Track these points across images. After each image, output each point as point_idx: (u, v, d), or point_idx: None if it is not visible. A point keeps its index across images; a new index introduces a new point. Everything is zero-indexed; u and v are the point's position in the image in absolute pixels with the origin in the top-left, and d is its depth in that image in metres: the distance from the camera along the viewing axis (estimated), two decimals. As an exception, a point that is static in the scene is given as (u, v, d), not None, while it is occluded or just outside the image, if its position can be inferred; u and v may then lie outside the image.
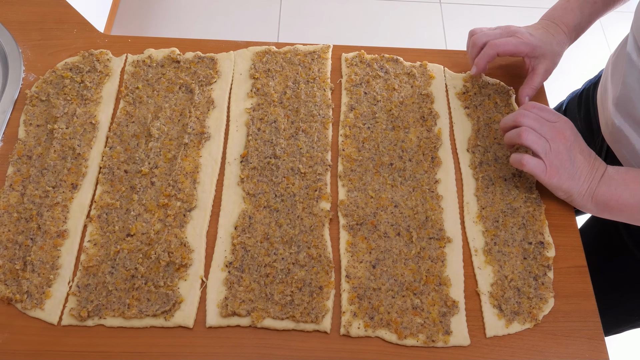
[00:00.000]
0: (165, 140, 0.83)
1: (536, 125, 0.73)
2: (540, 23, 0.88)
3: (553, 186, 0.74)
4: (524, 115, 0.74)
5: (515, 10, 2.44)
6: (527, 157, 0.72)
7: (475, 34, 0.86)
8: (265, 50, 0.93)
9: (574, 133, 0.73)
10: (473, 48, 0.86)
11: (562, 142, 0.72)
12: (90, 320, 0.70)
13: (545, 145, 0.72)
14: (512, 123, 0.75)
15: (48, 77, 0.89)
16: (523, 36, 0.83)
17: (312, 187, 0.80)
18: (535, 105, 0.75)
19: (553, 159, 0.71)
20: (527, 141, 0.72)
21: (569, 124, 0.74)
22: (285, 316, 0.70)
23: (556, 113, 0.75)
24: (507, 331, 0.70)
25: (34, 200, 0.77)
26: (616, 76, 0.81)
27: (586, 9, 0.86)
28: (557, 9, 0.89)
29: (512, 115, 0.76)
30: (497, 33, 0.85)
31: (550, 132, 0.72)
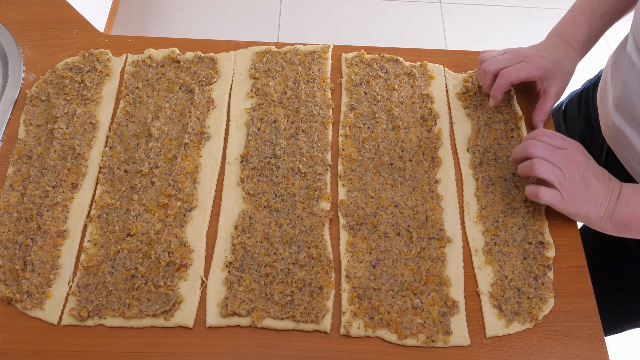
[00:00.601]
0: (165, 140, 0.83)
1: (548, 154, 0.71)
2: (549, 41, 0.86)
3: (571, 213, 0.72)
4: (534, 145, 0.72)
5: (515, 10, 2.44)
6: (542, 190, 0.71)
7: (485, 61, 0.84)
8: (265, 50, 0.94)
9: (585, 157, 0.72)
10: (485, 77, 0.84)
11: (576, 169, 0.71)
12: (90, 320, 0.70)
13: (559, 175, 0.70)
14: (523, 154, 0.73)
15: (48, 77, 0.89)
16: (534, 60, 0.81)
17: (312, 187, 0.80)
18: (545, 132, 0.73)
19: (568, 187, 0.70)
20: (541, 173, 0.71)
21: (580, 148, 0.73)
22: (285, 316, 0.70)
23: (566, 138, 0.73)
24: (507, 331, 0.70)
25: (34, 200, 0.77)
26: (616, 76, 0.81)
27: (595, 23, 0.85)
28: (564, 25, 0.87)
29: (522, 147, 0.74)
30: (507, 59, 0.83)
31: (562, 160, 0.71)
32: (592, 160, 0.73)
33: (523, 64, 0.81)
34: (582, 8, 0.86)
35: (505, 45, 2.48)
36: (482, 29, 2.37)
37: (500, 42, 2.32)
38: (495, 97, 0.83)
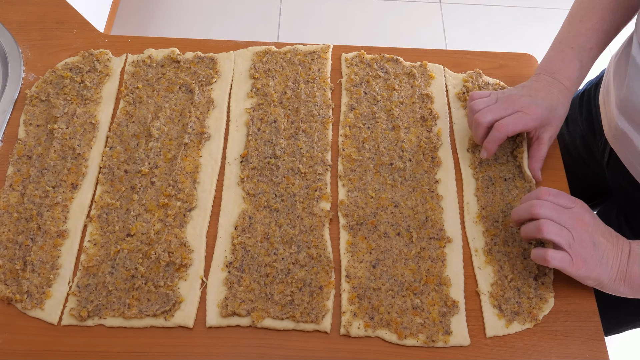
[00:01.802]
0: (165, 140, 0.83)
1: (554, 215, 0.67)
2: (540, 81, 0.81)
3: (581, 277, 0.68)
4: (540, 205, 0.68)
5: (515, 10, 2.44)
6: (550, 253, 0.66)
7: (478, 110, 0.79)
8: (265, 50, 0.94)
9: (592, 216, 0.69)
10: (479, 128, 0.79)
11: (584, 229, 0.67)
12: (90, 320, 0.70)
13: (567, 236, 0.66)
14: (527, 215, 0.69)
15: (48, 77, 0.89)
16: (530, 110, 0.77)
17: (312, 187, 0.80)
18: (549, 191, 0.69)
19: (577, 248, 0.66)
20: (549, 235, 0.66)
21: (585, 207, 0.70)
22: (285, 316, 0.70)
23: (570, 196, 0.70)
24: (507, 331, 0.70)
25: (34, 200, 0.77)
26: (619, 78, 0.80)
27: (584, 58, 0.81)
28: (554, 61, 0.82)
29: (525, 207, 0.69)
30: (500, 108, 0.78)
31: (569, 221, 0.67)
32: (598, 219, 0.70)
33: (519, 115, 0.77)
34: (568, 42, 0.82)
35: (505, 45, 2.48)
36: (482, 29, 2.37)
37: (500, 42, 2.32)
38: (489, 149, 0.78)
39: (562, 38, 0.83)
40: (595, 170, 0.95)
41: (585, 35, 0.81)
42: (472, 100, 0.81)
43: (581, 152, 0.97)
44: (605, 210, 0.96)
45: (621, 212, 0.88)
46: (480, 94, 0.81)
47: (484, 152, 0.79)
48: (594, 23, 0.81)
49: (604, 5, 0.81)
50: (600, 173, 0.93)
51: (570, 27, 0.82)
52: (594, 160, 0.95)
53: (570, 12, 0.85)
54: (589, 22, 0.81)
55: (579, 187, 0.92)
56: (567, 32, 0.83)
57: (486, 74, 0.93)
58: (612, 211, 0.91)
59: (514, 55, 0.97)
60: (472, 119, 0.80)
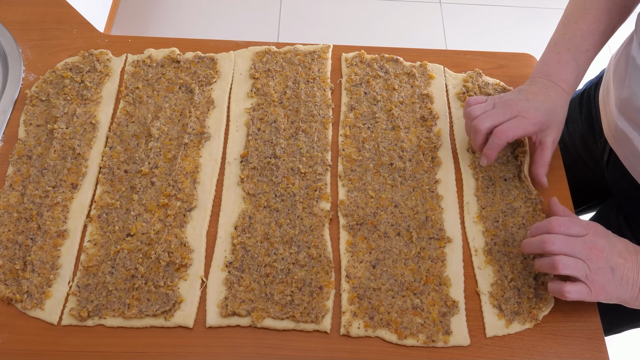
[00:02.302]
0: (165, 140, 0.83)
1: (568, 249, 0.65)
2: (536, 84, 0.79)
3: (602, 301, 0.67)
4: (552, 242, 0.66)
5: (515, 10, 2.44)
6: (567, 288, 0.65)
7: (476, 116, 0.77)
8: (265, 50, 0.94)
9: (606, 237, 0.67)
10: (478, 135, 0.77)
11: (600, 256, 0.65)
12: (90, 320, 0.70)
13: (584, 268, 0.65)
14: (540, 251, 0.67)
15: (48, 77, 0.89)
16: (528, 114, 0.75)
17: (312, 187, 0.80)
18: (560, 222, 0.67)
19: (595, 277, 0.65)
20: (565, 271, 0.65)
21: (599, 230, 0.68)
22: (285, 316, 0.70)
23: (581, 221, 0.68)
24: (507, 331, 0.70)
25: (34, 200, 0.77)
26: (619, 78, 0.80)
27: (581, 59, 0.80)
28: (550, 64, 0.80)
29: (537, 242, 0.67)
30: (499, 114, 0.76)
31: (584, 251, 0.65)
32: (613, 237, 0.68)
33: (518, 120, 0.75)
34: (565, 44, 0.80)
35: (505, 45, 2.47)
36: (482, 29, 2.37)
37: (500, 42, 2.32)
38: (489, 156, 0.77)
39: (557, 40, 0.82)
40: (595, 170, 0.95)
41: (581, 36, 0.80)
42: (468, 106, 0.80)
43: (581, 152, 0.97)
44: (605, 210, 0.96)
45: (621, 212, 0.88)
46: (477, 100, 0.80)
47: (483, 159, 0.78)
48: (589, 24, 0.80)
49: (599, 5, 0.80)
50: (600, 173, 0.93)
51: (566, 28, 0.81)
52: (594, 160, 0.94)
53: (565, 14, 0.83)
54: (584, 24, 0.80)
55: (579, 187, 0.92)
56: (562, 33, 0.82)
57: (486, 74, 0.93)
58: (612, 211, 0.91)
59: (514, 55, 0.97)
60: (469, 126, 0.79)
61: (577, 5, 0.82)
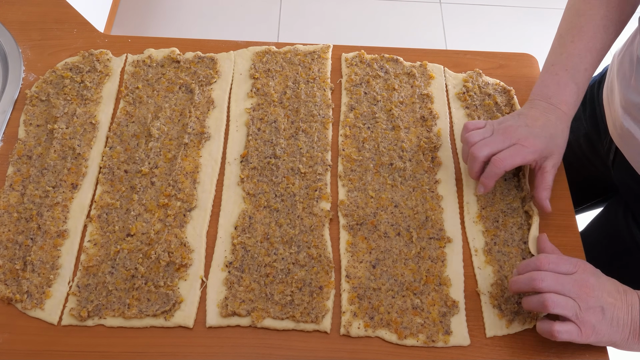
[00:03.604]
0: (165, 140, 0.83)
1: (558, 286, 0.64)
2: (536, 108, 0.78)
3: (592, 343, 0.65)
4: (542, 279, 0.64)
5: (515, 10, 2.44)
6: (557, 327, 0.64)
7: (473, 143, 0.75)
8: (265, 50, 0.94)
9: (595, 276, 0.66)
10: (475, 163, 0.75)
11: (590, 294, 0.64)
12: (90, 320, 0.70)
13: (574, 307, 0.63)
14: (528, 289, 0.66)
15: (48, 77, 0.89)
16: (527, 142, 0.73)
17: (312, 187, 0.80)
18: (549, 260, 0.66)
19: (585, 317, 0.63)
20: (555, 310, 0.63)
21: (588, 267, 0.67)
22: (285, 316, 0.70)
23: (571, 259, 0.67)
24: (508, 331, 0.70)
25: (34, 200, 0.77)
26: (623, 77, 0.79)
27: (580, 79, 0.78)
28: (548, 85, 0.78)
29: (525, 280, 0.66)
30: (497, 141, 0.74)
31: (574, 289, 0.64)
32: (602, 276, 0.67)
33: (516, 149, 0.73)
34: (562, 64, 0.78)
35: (505, 45, 2.47)
36: (482, 29, 2.37)
37: (500, 42, 2.32)
38: (486, 185, 0.75)
39: (554, 60, 0.80)
40: (600, 168, 0.94)
41: (578, 55, 0.78)
42: (466, 130, 0.78)
43: (585, 150, 0.96)
44: (612, 208, 0.95)
45: (628, 211, 0.87)
46: (475, 124, 0.78)
47: (480, 187, 0.76)
48: (586, 42, 0.78)
49: (595, 23, 0.78)
50: (605, 171, 0.92)
51: (562, 48, 0.79)
52: (599, 159, 0.94)
53: (560, 32, 0.81)
54: (581, 42, 0.78)
55: (583, 185, 0.92)
56: (559, 53, 0.79)
57: (486, 74, 0.93)
58: (619, 209, 0.90)
59: (514, 55, 0.97)
60: (467, 152, 0.77)
61: (572, 23, 0.80)
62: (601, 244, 0.91)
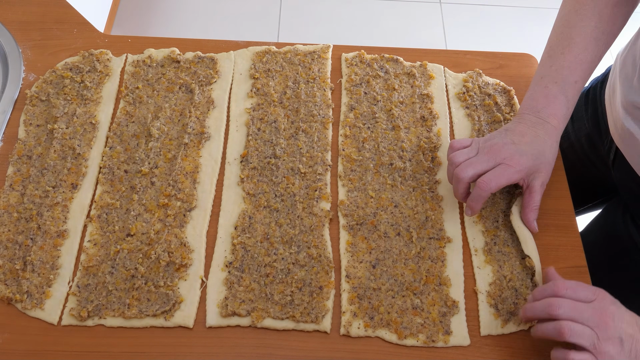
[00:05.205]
0: (165, 140, 0.83)
1: (576, 314, 0.61)
2: (525, 122, 0.76)
3: None
4: (559, 306, 0.62)
5: (515, 10, 2.44)
6: (573, 355, 0.61)
7: (457, 164, 0.74)
8: (265, 50, 0.94)
9: (615, 306, 0.63)
10: (459, 184, 0.73)
11: (609, 324, 0.61)
12: (90, 320, 0.70)
13: (591, 336, 0.61)
14: (545, 315, 0.63)
15: (48, 77, 0.89)
16: (513, 162, 0.72)
17: (312, 187, 0.80)
18: (567, 285, 0.64)
19: (603, 348, 0.61)
20: (572, 339, 0.61)
21: (607, 297, 0.64)
22: (285, 316, 0.70)
23: (589, 287, 0.64)
24: (502, 331, 0.70)
25: (34, 200, 0.77)
26: (625, 78, 0.79)
27: (570, 92, 0.76)
28: (537, 99, 0.76)
29: (542, 306, 0.63)
30: (482, 161, 0.73)
31: (593, 318, 0.61)
32: (621, 306, 0.65)
33: (501, 169, 0.72)
34: (551, 77, 0.77)
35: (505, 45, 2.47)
36: (482, 29, 2.37)
37: (500, 42, 2.32)
38: (473, 208, 0.74)
39: (544, 73, 0.78)
40: (601, 168, 0.94)
41: (568, 68, 0.76)
42: (452, 150, 0.76)
43: (586, 150, 0.96)
44: (611, 208, 0.95)
45: (627, 212, 0.87)
46: (461, 143, 0.76)
47: (468, 210, 0.75)
48: (576, 55, 0.76)
49: (585, 34, 0.76)
50: (606, 171, 0.92)
51: (552, 60, 0.78)
52: (600, 159, 0.94)
53: (550, 44, 0.80)
54: (571, 54, 0.76)
55: (584, 185, 0.92)
56: (548, 66, 0.78)
57: (486, 74, 0.93)
58: (618, 210, 0.90)
59: (514, 55, 0.97)
60: (451, 173, 0.75)
61: (562, 34, 0.78)
62: (600, 245, 0.91)
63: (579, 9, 0.77)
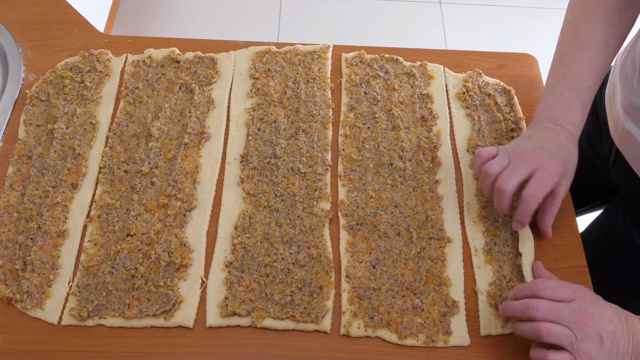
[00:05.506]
0: (165, 140, 0.83)
1: (554, 315, 0.62)
2: (546, 129, 0.75)
3: None
4: (537, 307, 0.62)
5: (515, 10, 2.44)
6: (551, 356, 0.62)
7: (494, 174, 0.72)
8: (265, 50, 0.94)
9: (594, 303, 0.63)
10: (503, 197, 0.71)
11: (588, 324, 0.61)
12: (90, 320, 0.70)
13: (569, 337, 0.61)
14: (523, 316, 0.64)
15: (48, 77, 0.89)
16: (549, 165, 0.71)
17: (312, 187, 0.80)
18: (546, 285, 0.64)
19: (582, 347, 0.61)
20: (550, 339, 0.61)
21: (588, 295, 0.64)
22: (285, 316, 0.70)
23: (569, 286, 0.64)
24: (502, 331, 0.70)
25: (34, 200, 0.77)
26: (625, 79, 0.79)
27: (584, 99, 0.76)
28: (554, 107, 0.76)
29: (520, 307, 0.64)
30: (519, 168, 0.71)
31: (571, 318, 0.62)
32: (602, 303, 0.64)
33: (541, 175, 0.70)
34: (566, 85, 0.76)
35: (505, 45, 2.47)
36: (482, 29, 2.37)
37: (500, 42, 2.32)
38: (523, 223, 0.73)
39: (557, 80, 0.77)
40: (601, 169, 0.94)
41: (582, 74, 0.76)
42: (480, 159, 0.74)
43: (587, 151, 0.96)
44: (612, 209, 0.95)
45: (628, 213, 0.87)
46: (488, 152, 0.75)
47: (517, 225, 0.74)
48: (588, 61, 0.76)
49: (596, 39, 0.76)
50: (606, 172, 0.92)
51: (565, 67, 0.77)
52: (600, 160, 0.94)
53: (560, 50, 0.79)
54: (583, 60, 0.76)
55: (585, 186, 0.92)
56: (561, 73, 0.77)
57: (486, 74, 0.93)
58: (619, 211, 0.90)
59: (514, 55, 0.97)
60: (488, 184, 0.73)
61: (573, 40, 0.78)
62: (600, 245, 0.91)
63: (587, 15, 0.77)
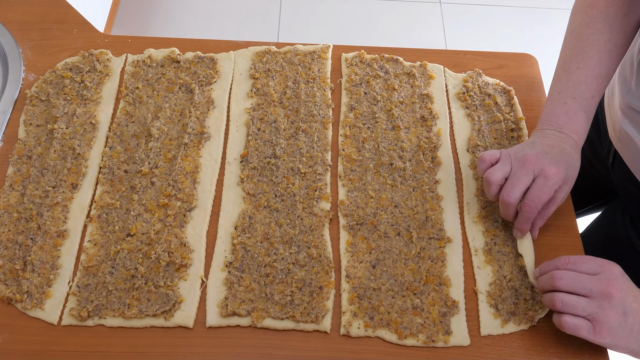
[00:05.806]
0: (165, 140, 0.83)
1: (578, 285, 0.63)
2: (550, 136, 0.75)
3: (608, 344, 0.64)
4: (559, 277, 0.64)
5: (515, 10, 2.44)
6: (566, 317, 0.63)
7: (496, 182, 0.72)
8: (265, 50, 0.94)
9: (623, 280, 0.64)
10: (509, 208, 0.72)
11: (615, 294, 0.62)
12: (90, 320, 0.70)
13: (587, 307, 0.62)
14: (550, 288, 0.65)
15: (48, 77, 0.89)
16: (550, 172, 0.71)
17: (312, 187, 0.80)
18: (569, 259, 0.65)
19: (603, 317, 0.62)
20: (564, 309, 0.63)
21: (616, 270, 0.65)
22: (285, 316, 0.70)
23: (597, 260, 0.65)
24: (502, 331, 0.70)
25: (34, 200, 0.77)
26: (624, 81, 0.79)
27: (588, 108, 0.76)
28: (558, 115, 0.76)
29: (547, 279, 0.66)
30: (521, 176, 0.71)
31: (596, 288, 0.62)
32: (631, 282, 0.65)
33: (541, 183, 0.70)
34: (569, 93, 0.76)
35: (505, 45, 2.47)
36: (482, 29, 2.37)
37: (500, 42, 2.32)
38: (523, 230, 0.74)
39: (561, 88, 0.77)
40: (601, 171, 0.94)
41: (585, 82, 0.76)
42: (483, 163, 0.75)
43: (586, 152, 0.96)
44: (610, 210, 0.95)
45: (626, 214, 0.88)
46: (492, 156, 0.75)
47: (518, 232, 0.75)
48: (592, 69, 0.76)
49: (599, 48, 0.76)
50: (606, 173, 0.93)
51: (568, 75, 0.77)
52: (599, 161, 0.94)
53: (563, 58, 0.79)
54: (586, 69, 0.76)
55: (584, 187, 0.92)
56: (565, 81, 0.77)
57: (486, 74, 0.94)
58: (617, 212, 0.90)
59: (514, 55, 0.97)
60: (492, 192, 0.73)
61: (575, 49, 0.78)
62: (600, 246, 0.92)
63: (589, 22, 0.77)
